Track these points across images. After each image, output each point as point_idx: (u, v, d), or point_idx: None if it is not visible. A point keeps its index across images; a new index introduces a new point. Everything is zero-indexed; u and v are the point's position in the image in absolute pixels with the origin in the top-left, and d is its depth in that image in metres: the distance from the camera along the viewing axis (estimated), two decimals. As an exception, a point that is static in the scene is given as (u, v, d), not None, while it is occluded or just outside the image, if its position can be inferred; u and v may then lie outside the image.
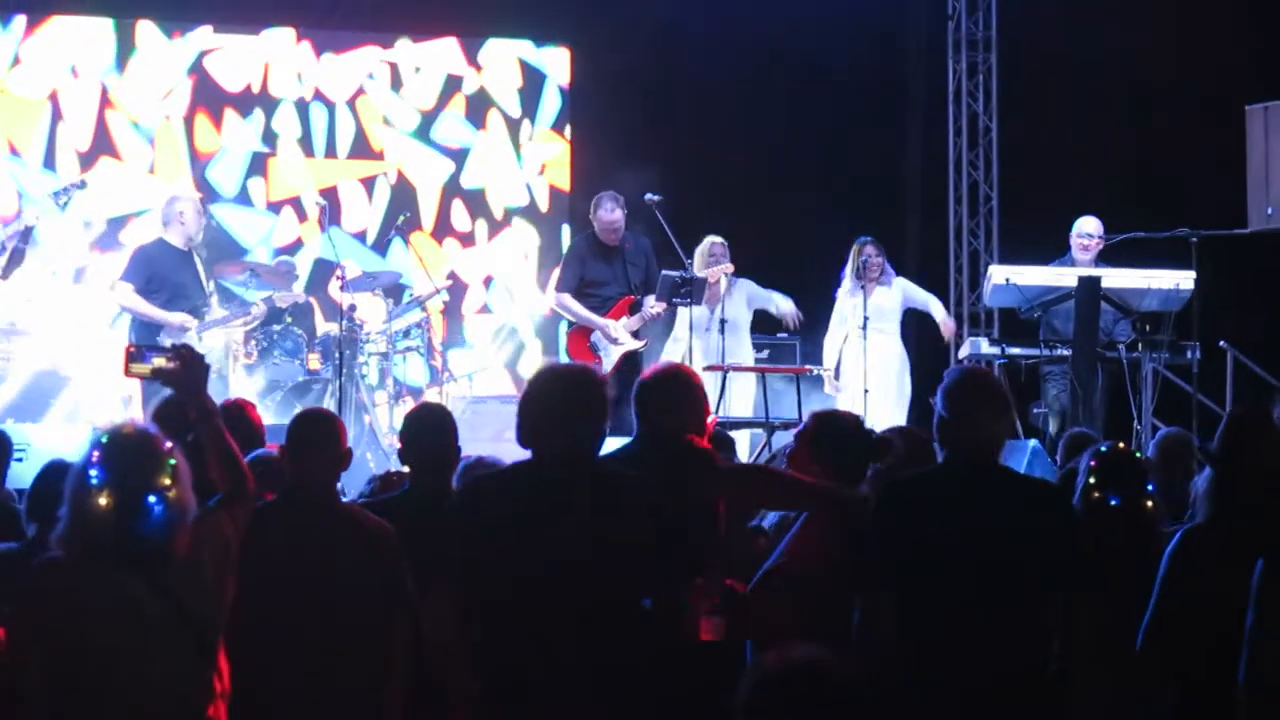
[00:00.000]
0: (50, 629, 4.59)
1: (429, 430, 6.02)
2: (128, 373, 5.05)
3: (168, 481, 4.60)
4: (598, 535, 4.91)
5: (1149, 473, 5.70)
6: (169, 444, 4.68)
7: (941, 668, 4.92)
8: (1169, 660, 4.92)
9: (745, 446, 11.75)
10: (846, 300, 12.33)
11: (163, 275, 11.45)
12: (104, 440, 4.64)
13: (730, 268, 12.07)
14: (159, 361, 4.99)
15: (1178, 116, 14.05)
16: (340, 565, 5.38)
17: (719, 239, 12.20)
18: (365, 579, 5.37)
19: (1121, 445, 5.89)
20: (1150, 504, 5.64)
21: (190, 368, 4.97)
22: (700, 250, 12.20)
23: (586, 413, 5.06)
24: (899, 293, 12.49)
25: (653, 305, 11.72)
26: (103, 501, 4.56)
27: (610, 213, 11.79)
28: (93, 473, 4.58)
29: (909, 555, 4.98)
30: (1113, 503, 5.55)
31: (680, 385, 5.85)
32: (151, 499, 4.57)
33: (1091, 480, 5.60)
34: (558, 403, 5.05)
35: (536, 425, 5.06)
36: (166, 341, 10.78)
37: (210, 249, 13.38)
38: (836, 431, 5.90)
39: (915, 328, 13.08)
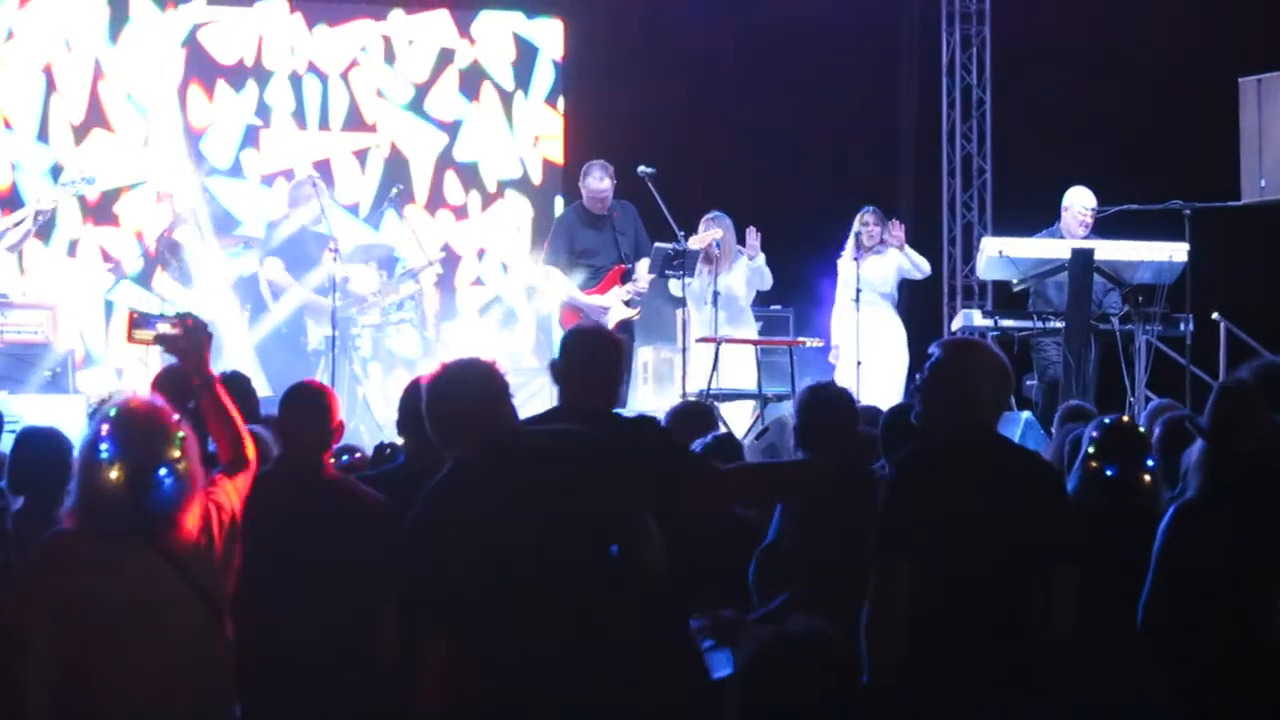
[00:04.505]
0: (62, 603, 4.60)
1: None
2: (130, 339, 5.02)
3: (177, 454, 4.62)
4: (561, 495, 4.72)
5: (1149, 447, 5.74)
6: (176, 416, 4.69)
7: (944, 640, 4.89)
8: (1168, 634, 4.95)
9: (744, 418, 11.77)
10: (844, 268, 12.33)
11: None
12: (113, 414, 4.65)
13: (719, 233, 11.98)
14: (163, 328, 4.96)
15: (1171, 89, 14.06)
16: (331, 537, 5.37)
17: (714, 214, 12.14)
18: (356, 551, 5.36)
19: (1125, 419, 5.92)
20: (1148, 477, 5.68)
21: (194, 334, 4.95)
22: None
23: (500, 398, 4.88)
24: (893, 262, 12.48)
25: (640, 278, 11.71)
26: (113, 475, 4.58)
27: (599, 181, 11.77)
28: (103, 446, 4.59)
29: (922, 529, 4.94)
30: (1109, 473, 5.60)
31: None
32: (162, 472, 4.60)
33: (1091, 450, 5.67)
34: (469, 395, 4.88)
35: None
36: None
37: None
38: (826, 423, 5.93)
39: (909, 298, 13.11)
